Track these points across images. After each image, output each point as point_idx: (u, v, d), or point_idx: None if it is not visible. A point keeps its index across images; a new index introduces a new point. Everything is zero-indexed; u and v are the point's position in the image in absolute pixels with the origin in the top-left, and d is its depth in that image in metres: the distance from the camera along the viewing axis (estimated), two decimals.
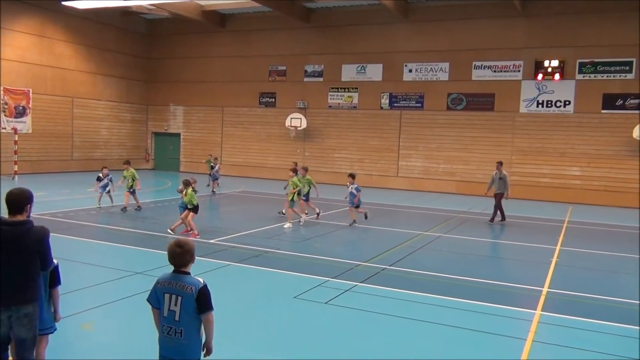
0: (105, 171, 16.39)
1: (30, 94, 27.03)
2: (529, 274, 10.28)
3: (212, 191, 22.33)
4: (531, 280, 9.57)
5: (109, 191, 16.43)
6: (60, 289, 4.82)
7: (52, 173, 27.38)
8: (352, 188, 15.11)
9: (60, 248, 10.24)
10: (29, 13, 27.06)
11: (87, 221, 13.94)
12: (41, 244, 4.25)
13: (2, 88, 25.72)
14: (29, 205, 4.31)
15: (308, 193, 16.09)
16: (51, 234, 5.03)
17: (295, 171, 15.49)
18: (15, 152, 24.82)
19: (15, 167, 24.57)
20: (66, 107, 29.50)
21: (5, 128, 25.51)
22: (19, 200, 4.26)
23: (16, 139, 25.14)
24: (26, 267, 4.20)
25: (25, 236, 4.17)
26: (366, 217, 15.65)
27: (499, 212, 16.58)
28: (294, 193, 14.71)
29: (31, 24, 27.31)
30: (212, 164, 23.05)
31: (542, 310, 7.83)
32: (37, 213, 14.44)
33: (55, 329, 4.89)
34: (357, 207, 15.27)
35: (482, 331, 6.85)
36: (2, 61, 25.90)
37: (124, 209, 15.74)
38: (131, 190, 15.97)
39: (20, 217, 4.23)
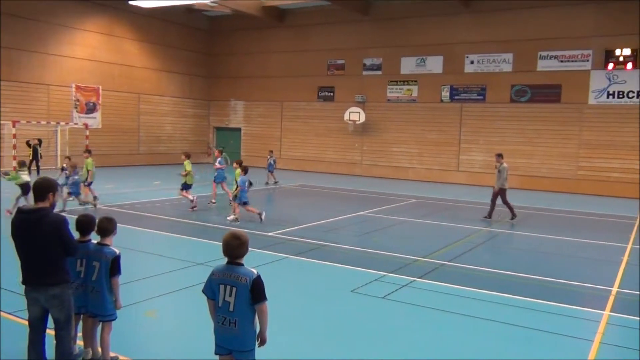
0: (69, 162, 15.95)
1: (100, 91, 28.26)
2: (597, 273, 9.83)
3: (266, 182, 22.79)
4: (599, 280, 9.14)
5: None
6: (125, 277, 5.00)
7: (120, 166, 28.52)
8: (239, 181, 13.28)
9: (127, 238, 10.68)
10: (98, 13, 28.27)
11: (153, 213, 14.42)
12: (58, 230, 4.44)
13: (73, 85, 27.01)
14: (51, 194, 4.53)
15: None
16: (118, 224, 5.29)
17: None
18: (87, 147, 26.02)
19: None
20: (133, 103, 30.65)
21: (77, 123, 26.80)
22: (43, 189, 4.50)
23: (87, 134, 26.36)
24: (47, 252, 4.43)
25: (42, 222, 4.38)
26: (261, 220, 13.26)
27: (507, 208, 15.47)
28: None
29: (101, 23, 28.51)
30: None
31: (611, 311, 7.46)
32: (107, 204, 15.13)
33: (116, 317, 5.09)
34: (244, 204, 13.22)
35: (546, 331, 6.59)
36: (73, 60, 27.19)
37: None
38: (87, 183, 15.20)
39: (42, 205, 4.47)
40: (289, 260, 9.83)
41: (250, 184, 13.75)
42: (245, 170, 13.49)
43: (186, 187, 15.31)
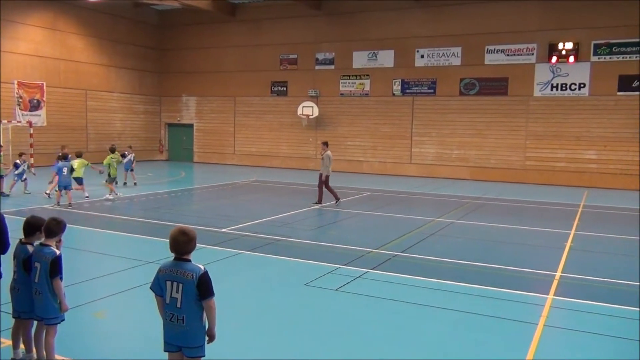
0: (22, 158, 17.47)
1: (45, 87, 27.27)
2: (542, 259, 10.18)
3: (124, 183, 20.21)
4: (544, 265, 9.48)
5: (25, 179, 17.09)
6: (74, 278, 4.85)
7: None
8: (57, 169, 14.82)
9: (75, 238, 10.38)
10: (41, 6, 27.24)
11: (101, 212, 14.07)
12: None
13: (16, 82, 25.98)
14: None
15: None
16: (67, 225, 5.15)
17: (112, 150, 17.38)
18: (31, 145, 25.05)
19: (32, 160, 24.80)
20: (80, 100, 29.73)
21: (20, 121, 25.77)
22: None
23: (31, 132, 25.38)
24: None
25: None
26: (57, 202, 14.66)
27: (333, 194, 16.25)
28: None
29: (44, 18, 27.49)
30: (122, 154, 19.75)
31: (554, 295, 7.76)
32: (53, 204, 14.64)
33: (63, 319, 4.94)
34: (65, 187, 14.66)
35: (493, 316, 6.80)
36: (15, 55, 26.15)
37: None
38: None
39: None
40: (243, 255, 9.77)
41: (72, 169, 15.26)
42: (64, 157, 15.22)
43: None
